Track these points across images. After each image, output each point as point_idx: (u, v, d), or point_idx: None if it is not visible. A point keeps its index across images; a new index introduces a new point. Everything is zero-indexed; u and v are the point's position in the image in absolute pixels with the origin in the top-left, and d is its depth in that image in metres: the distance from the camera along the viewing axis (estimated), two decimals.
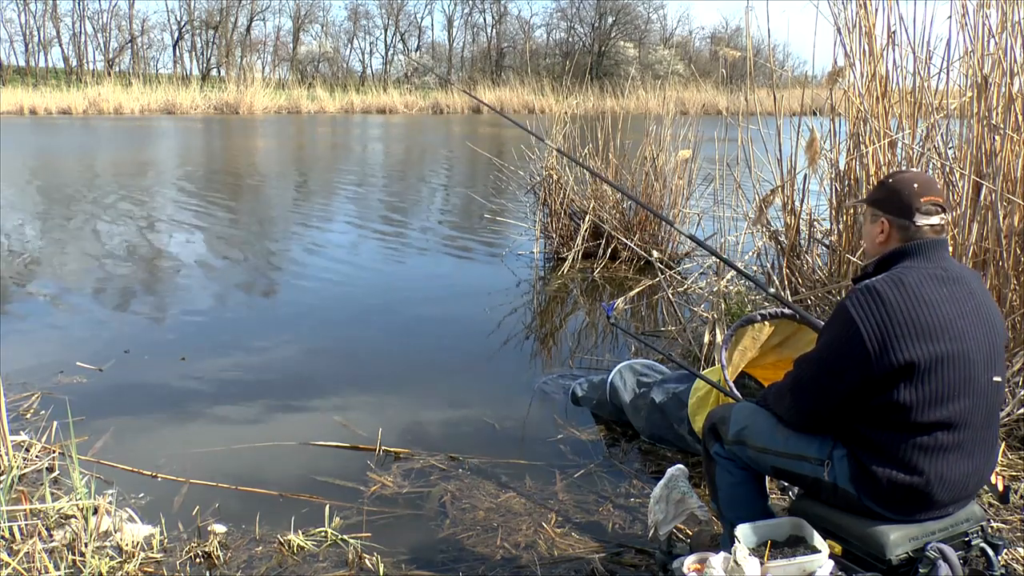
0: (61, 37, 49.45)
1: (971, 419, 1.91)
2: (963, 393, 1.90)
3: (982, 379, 1.93)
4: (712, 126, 6.05)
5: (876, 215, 2.06)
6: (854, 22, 4.12)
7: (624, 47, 52.17)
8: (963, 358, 1.89)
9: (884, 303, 1.89)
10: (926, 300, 1.90)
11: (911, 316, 1.87)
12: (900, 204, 2.01)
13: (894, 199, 2.02)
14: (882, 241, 2.05)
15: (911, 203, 1.99)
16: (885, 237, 2.04)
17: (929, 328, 1.87)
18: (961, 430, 1.91)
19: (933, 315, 1.88)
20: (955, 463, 1.91)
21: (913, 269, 1.95)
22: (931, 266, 1.96)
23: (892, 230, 2.02)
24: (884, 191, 2.07)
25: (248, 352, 4.84)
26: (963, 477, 1.93)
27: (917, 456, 1.90)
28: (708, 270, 5.68)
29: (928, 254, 1.98)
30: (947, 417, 1.89)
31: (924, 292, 1.91)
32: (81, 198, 11.18)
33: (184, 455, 3.40)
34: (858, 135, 4.22)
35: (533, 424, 3.81)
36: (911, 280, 1.92)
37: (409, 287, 6.65)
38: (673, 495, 2.41)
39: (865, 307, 1.90)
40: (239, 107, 36.20)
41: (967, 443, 1.92)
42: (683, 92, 14.85)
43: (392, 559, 2.66)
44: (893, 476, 1.91)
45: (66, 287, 6.32)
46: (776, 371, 3.17)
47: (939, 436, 1.90)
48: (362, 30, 56.44)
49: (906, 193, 2.01)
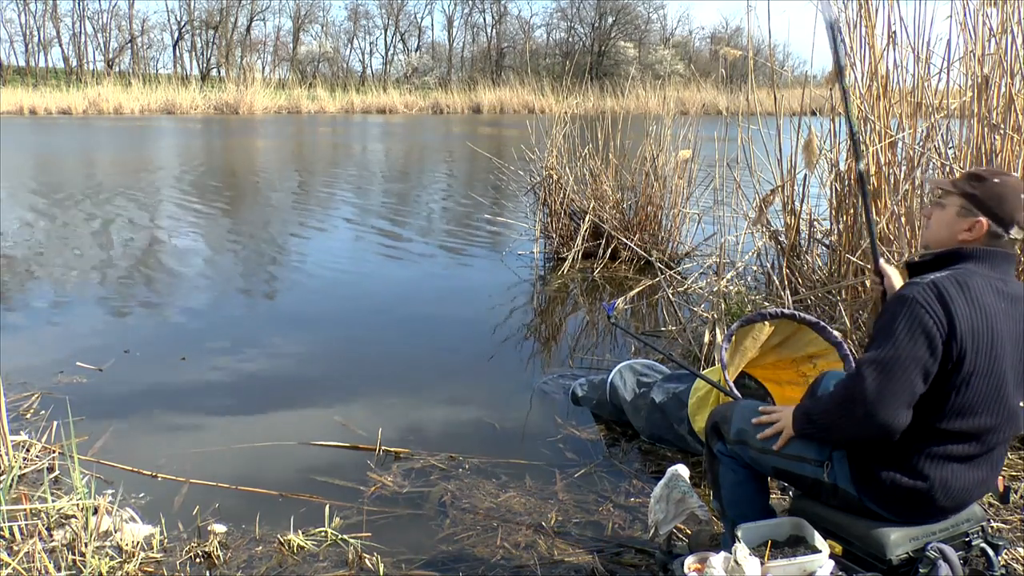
0: (61, 37, 49.53)
1: (988, 437, 1.90)
2: (990, 411, 1.87)
3: (1010, 401, 1.90)
4: (712, 126, 6.05)
5: (970, 211, 1.93)
6: (855, 21, 4.12)
7: (624, 47, 52.19)
8: (1000, 377, 1.86)
9: (950, 299, 1.82)
10: (986, 311, 1.84)
11: (971, 321, 1.82)
12: (1003, 211, 1.90)
13: (998, 203, 1.91)
14: (965, 239, 1.94)
15: (1015, 215, 1.90)
16: (972, 237, 1.93)
17: (983, 338, 1.83)
18: (975, 444, 1.89)
19: (989, 327, 1.84)
20: (961, 473, 1.90)
21: (978, 275, 1.89)
22: (995, 276, 1.91)
23: (985, 233, 1.92)
24: (986, 190, 1.92)
25: (248, 352, 4.84)
26: (967, 487, 1.93)
27: (925, 463, 1.89)
28: (708, 270, 5.68)
29: (997, 264, 1.92)
30: (968, 429, 1.87)
31: (986, 302, 1.85)
32: (81, 198, 11.18)
33: (184, 455, 3.40)
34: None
35: (533, 424, 3.81)
36: (975, 285, 1.86)
37: (409, 287, 6.65)
38: (673, 495, 2.41)
39: (933, 299, 1.82)
40: (239, 107, 36.20)
41: (977, 457, 1.91)
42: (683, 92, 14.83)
43: (392, 559, 2.65)
44: (897, 480, 1.90)
45: (66, 287, 6.32)
46: (776, 371, 3.17)
47: (952, 448, 1.88)
48: (362, 30, 56.54)
49: (1013, 202, 1.90)
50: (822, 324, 2.83)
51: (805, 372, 2.99)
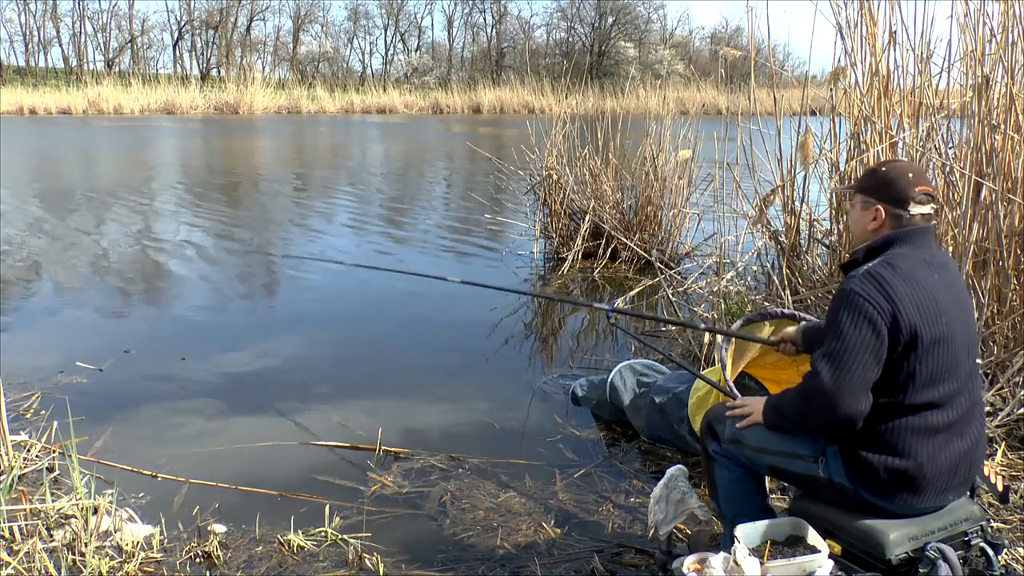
0: (61, 37, 49.48)
1: (957, 400, 1.96)
2: (951, 376, 1.95)
3: (965, 363, 1.99)
4: (712, 126, 6.05)
5: (869, 202, 2.09)
6: (856, 21, 4.12)
7: (624, 47, 52.15)
8: (951, 341, 1.95)
9: (887, 283, 1.92)
10: (922, 284, 1.94)
11: (912, 296, 1.91)
12: (895, 193, 2.04)
13: (889, 187, 2.05)
14: (874, 228, 2.08)
15: (906, 193, 2.03)
16: (878, 225, 2.07)
17: (928, 310, 1.92)
18: (948, 410, 1.95)
19: (930, 298, 1.94)
20: (945, 443, 1.95)
21: (904, 256, 1.99)
22: (920, 252, 2.02)
23: (886, 218, 2.06)
24: (877, 179, 2.09)
25: (248, 352, 4.84)
26: (955, 459, 1.95)
27: (908, 438, 1.93)
28: (708, 270, 5.68)
29: (917, 241, 2.03)
30: (936, 398, 1.93)
31: (919, 276, 1.96)
32: (81, 198, 11.18)
33: (184, 455, 3.40)
34: (859, 135, 4.22)
35: (533, 424, 3.81)
36: (904, 265, 1.96)
37: (409, 287, 6.64)
38: (673, 495, 2.41)
39: (870, 286, 1.92)
40: (239, 107, 36.21)
41: (956, 424, 1.96)
42: (683, 92, 14.83)
43: (392, 559, 2.66)
44: (887, 462, 1.93)
45: (66, 287, 6.32)
46: (776, 371, 3.17)
47: (928, 417, 1.93)
48: (362, 30, 56.41)
49: (902, 183, 2.04)
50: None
51: (805, 372, 2.98)
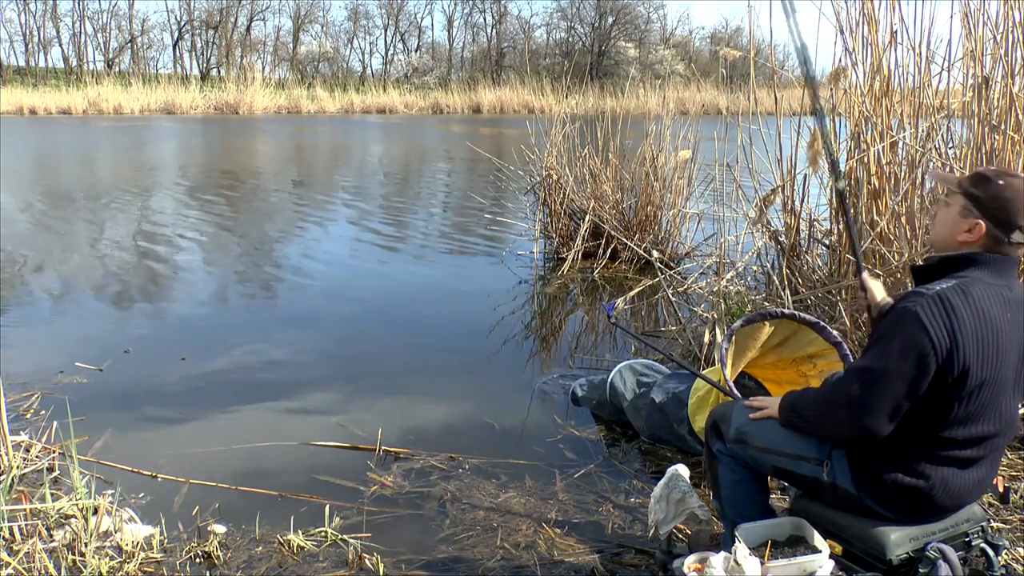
0: (61, 37, 49.43)
1: (989, 442, 1.91)
2: (992, 418, 1.88)
3: (1010, 405, 1.91)
4: (712, 126, 6.04)
5: (970, 212, 1.88)
6: (857, 21, 4.12)
7: (624, 47, 52.12)
8: (1001, 384, 1.86)
9: (955, 315, 1.79)
10: (992, 322, 1.82)
11: (976, 335, 1.80)
12: (1005, 215, 1.85)
13: (1001, 207, 1.85)
14: (965, 241, 1.90)
15: (1016, 220, 1.84)
16: (972, 239, 1.89)
17: (988, 351, 1.81)
18: (977, 449, 1.90)
19: (994, 340, 1.82)
20: (961, 474, 1.92)
21: (982, 282, 1.85)
22: (1000, 284, 1.87)
23: (984, 236, 1.87)
24: (990, 194, 1.86)
25: (248, 352, 4.83)
26: (966, 487, 1.94)
27: (926, 466, 1.90)
28: (708, 270, 5.67)
29: (1002, 270, 1.88)
30: (971, 436, 1.88)
31: (991, 313, 1.83)
32: (81, 198, 11.18)
33: (184, 455, 3.39)
34: (859, 135, 4.22)
35: (533, 424, 3.81)
36: (978, 294, 1.83)
37: (409, 287, 6.65)
38: (673, 495, 2.41)
39: (937, 316, 1.79)
40: (239, 107, 36.22)
41: (978, 460, 1.93)
42: (683, 92, 14.84)
43: (392, 559, 2.65)
44: (898, 479, 1.91)
45: (66, 287, 6.32)
46: (776, 371, 3.17)
47: (954, 452, 1.89)
48: (362, 30, 56.40)
49: (1015, 205, 1.84)
50: (822, 324, 2.82)
51: (805, 372, 2.99)
